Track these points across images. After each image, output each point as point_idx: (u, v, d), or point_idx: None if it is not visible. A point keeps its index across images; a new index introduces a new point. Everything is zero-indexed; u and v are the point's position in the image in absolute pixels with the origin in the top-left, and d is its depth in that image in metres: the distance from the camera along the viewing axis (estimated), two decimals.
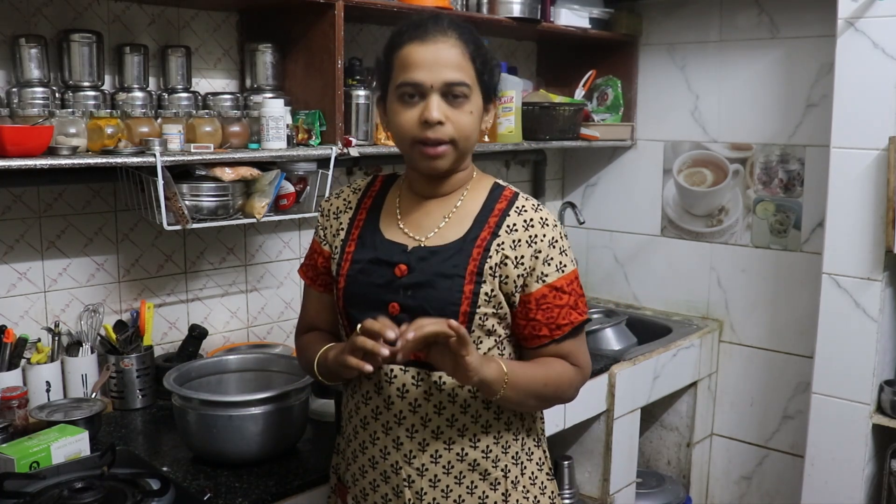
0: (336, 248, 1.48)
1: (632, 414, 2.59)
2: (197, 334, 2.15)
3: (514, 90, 2.62)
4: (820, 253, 2.37)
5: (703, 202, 2.97)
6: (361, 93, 2.24)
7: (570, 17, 2.80)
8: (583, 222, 3.06)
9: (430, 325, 1.22)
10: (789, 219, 2.77)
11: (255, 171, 1.98)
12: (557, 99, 2.84)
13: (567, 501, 2.53)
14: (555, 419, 2.33)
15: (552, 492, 1.50)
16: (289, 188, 2.12)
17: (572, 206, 3.09)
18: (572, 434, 2.56)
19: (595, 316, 2.93)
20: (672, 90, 2.99)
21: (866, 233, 2.24)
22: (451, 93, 1.33)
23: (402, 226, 1.43)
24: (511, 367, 1.33)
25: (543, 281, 1.37)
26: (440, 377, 1.37)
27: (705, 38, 2.90)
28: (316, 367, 1.45)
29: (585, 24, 2.85)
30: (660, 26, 3.00)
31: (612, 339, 2.73)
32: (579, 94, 3.00)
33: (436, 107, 1.32)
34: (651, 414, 2.96)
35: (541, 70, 3.21)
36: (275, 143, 2.03)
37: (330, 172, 2.12)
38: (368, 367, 1.26)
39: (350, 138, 2.19)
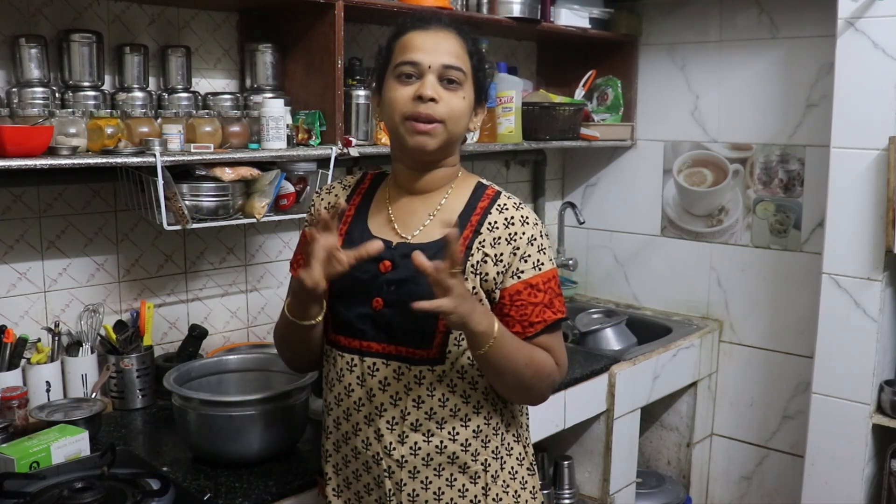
0: None
1: (632, 414, 2.59)
2: (197, 334, 2.15)
3: (514, 90, 2.62)
4: (820, 253, 2.37)
5: (703, 202, 2.97)
6: (361, 93, 2.25)
7: (570, 17, 2.80)
8: (583, 222, 3.06)
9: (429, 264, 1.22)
10: (789, 219, 2.77)
11: (255, 171, 1.98)
12: (557, 99, 2.84)
13: (567, 501, 2.53)
14: (555, 419, 2.33)
15: (533, 486, 1.51)
16: (289, 188, 2.12)
17: (572, 206, 3.09)
18: (572, 434, 2.56)
19: (595, 316, 2.93)
20: (672, 90, 2.99)
21: (866, 233, 2.24)
22: (446, 77, 1.37)
23: (389, 221, 1.45)
24: (502, 332, 1.33)
25: (519, 277, 1.39)
26: (420, 371, 1.39)
27: (705, 38, 2.90)
28: (285, 308, 1.42)
29: (585, 24, 2.85)
30: (660, 26, 3.00)
31: (612, 339, 2.73)
32: (579, 94, 3.00)
33: (431, 85, 1.36)
34: (651, 414, 2.96)
35: (541, 70, 3.21)
36: (275, 143, 2.03)
37: (330, 172, 2.12)
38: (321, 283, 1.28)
39: (350, 138, 2.19)
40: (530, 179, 3.22)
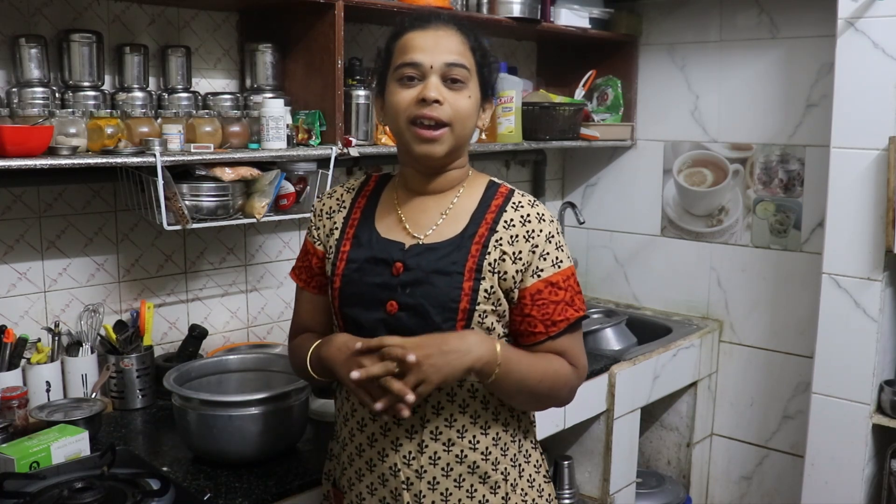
0: (330, 248, 1.46)
1: (632, 414, 2.59)
2: (197, 334, 2.15)
3: (514, 90, 2.62)
4: (820, 253, 2.37)
5: (703, 202, 2.97)
6: (361, 93, 2.25)
7: (570, 17, 2.80)
8: (583, 222, 3.05)
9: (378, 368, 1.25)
10: (789, 219, 2.77)
11: (255, 171, 1.98)
12: (557, 99, 2.84)
13: (567, 501, 2.53)
14: (555, 419, 2.33)
15: (549, 494, 1.49)
16: (289, 188, 2.12)
17: (572, 206, 3.09)
18: (572, 434, 2.56)
19: (595, 316, 2.93)
20: (672, 90, 2.99)
21: (866, 233, 2.24)
22: (450, 76, 1.33)
23: (399, 222, 1.42)
24: (507, 355, 1.31)
25: (539, 276, 1.36)
26: None
27: (705, 38, 2.90)
28: (308, 364, 1.43)
29: (585, 24, 2.85)
30: (660, 26, 3.00)
31: (612, 339, 2.73)
32: (579, 94, 3.00)
33: (434, 86, 1.32)
34: (651, 414, 2.96)
35: (541, 70, 3.21)
36: (275, 143, 2.03)
37: (330, 172, 2.12)
38: (406, 413, 1.26)
39: (350, 138, 2.19)
40: (530, 179, 3.22)
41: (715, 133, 2.91)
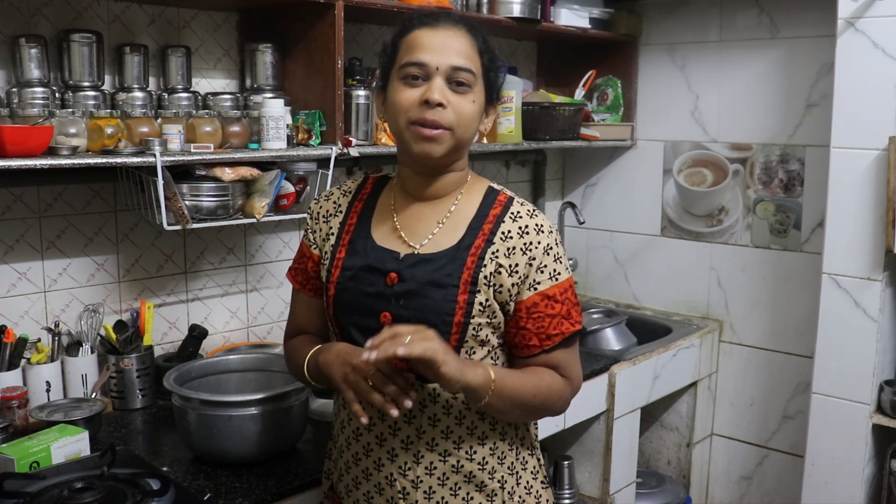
0: (326, 253, 1.45)
1: (632, 414, 2.59)
2: (197, 334, 2.15)
3: (514, 90, 2.62)
4: (820, 253, 2.37)
5: (703, 202, 2.97)
6: (361, 93, 2.25)
7: (570, 17, 2.80)
8: (583, 222, 3.05)
9: (392, 347, 1.19)
10: (789, 219, 2.77)
11: (255, 171, 1.98)
12: (557, 99, 2.84)
13: (567, 501, 2.53)
14: (555, 419, 2.33)
15: (547, 500, 1.48)
16: (289, 188, 2.12)
17: (572, 206, 3.09)
18: (572, 434, 2.56)
19: (595, 316, 2.93)
20: (672, 90, 2.99)
21: (866, 233, 2.24)
22: (455, 79, 1.31)
23: (395, 230, 1.40)
24: (499, 375, 1.29)
25: (535, 289, 1.34)
26: (434, 388, 1.35)
27: (705, 38, 2.90)
28: (306, 368, 1.42)
29: (585, 24, 2.85)
30: (660, 26, 3.00)
31: (612, 339, 2.73)
32: (579, 94, 3.00)
33: (438, 89, 1.29)
34: (651, 414, 2.96)
35: (541, 70, 3.21)
36: (275, 143, 2.03)
37: (330, 172, 2.12)
38: (364, 420, 1.26)
39: (350, 138, 2.19)
40: (530, 179, 3.22)
41: (715, 133, 2.91)
